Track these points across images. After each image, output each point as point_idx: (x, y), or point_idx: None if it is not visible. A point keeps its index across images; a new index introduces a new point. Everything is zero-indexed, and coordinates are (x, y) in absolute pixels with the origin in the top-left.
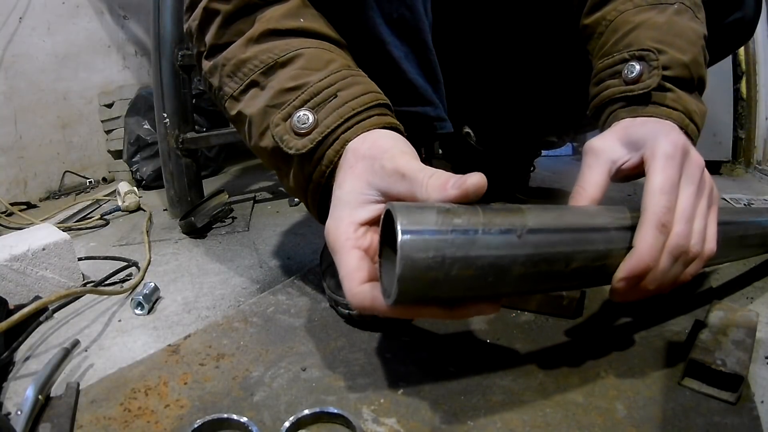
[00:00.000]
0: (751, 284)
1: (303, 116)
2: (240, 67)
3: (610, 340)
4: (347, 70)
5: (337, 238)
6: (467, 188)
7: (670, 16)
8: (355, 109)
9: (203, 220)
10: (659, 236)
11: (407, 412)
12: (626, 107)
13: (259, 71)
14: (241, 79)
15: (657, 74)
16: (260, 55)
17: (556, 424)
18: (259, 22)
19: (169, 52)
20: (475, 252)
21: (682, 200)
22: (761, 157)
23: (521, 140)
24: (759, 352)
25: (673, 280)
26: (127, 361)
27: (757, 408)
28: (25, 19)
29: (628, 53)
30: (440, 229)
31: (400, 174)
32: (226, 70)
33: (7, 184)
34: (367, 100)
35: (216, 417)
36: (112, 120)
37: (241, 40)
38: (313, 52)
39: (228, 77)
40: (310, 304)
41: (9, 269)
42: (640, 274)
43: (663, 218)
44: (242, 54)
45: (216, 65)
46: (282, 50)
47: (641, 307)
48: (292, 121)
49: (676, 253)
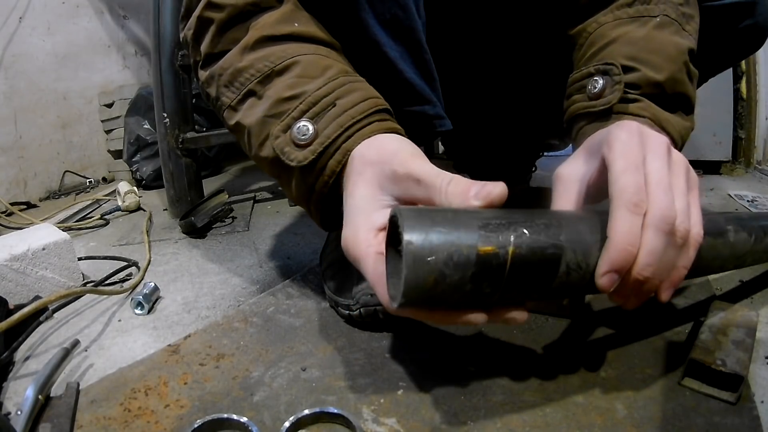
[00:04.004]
0: (751, 284)
1: (303, 127)
2: (236, 77)
3: (610, 340)
4: (345, 76)
5: (357, 246)
6: (492, 200)
7: (650, 30)
8: (354, 117)
9: (203, 220)
10: (633, 217)
11: (407, 412)
12: (590, 123)
13: (255, 80)
14: (237, 89)
15: (619, 89)
16: (256, 64)
17: (556, 424)
18: (253, 30)
19: (169, 51)
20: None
21: (653, 174)
22: (761, 157)
23: (521, 141)
24: (759, 352)
25: (666, 267)
26: (127, 361)
27: (757, 408)
28: (25, 19)
29: (594, 67)
30: (446, 232)
31: (414, 179)
32: (222, 80)
33: (7, 184)
34: (366, 107)
35: (216, 417)
36: (112, 120)
37: (237, 48)
38: (309, 59)
39: (225, 87)
40: (310, 304)
41: (9, 269)
42: (621, 263)
43: (633, 197)
44: (238, 63)
45: (213, 75)
46: (278, 57)
47: (641, 307)
48: (292, 132)
49: (662, 226)
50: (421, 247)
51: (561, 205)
